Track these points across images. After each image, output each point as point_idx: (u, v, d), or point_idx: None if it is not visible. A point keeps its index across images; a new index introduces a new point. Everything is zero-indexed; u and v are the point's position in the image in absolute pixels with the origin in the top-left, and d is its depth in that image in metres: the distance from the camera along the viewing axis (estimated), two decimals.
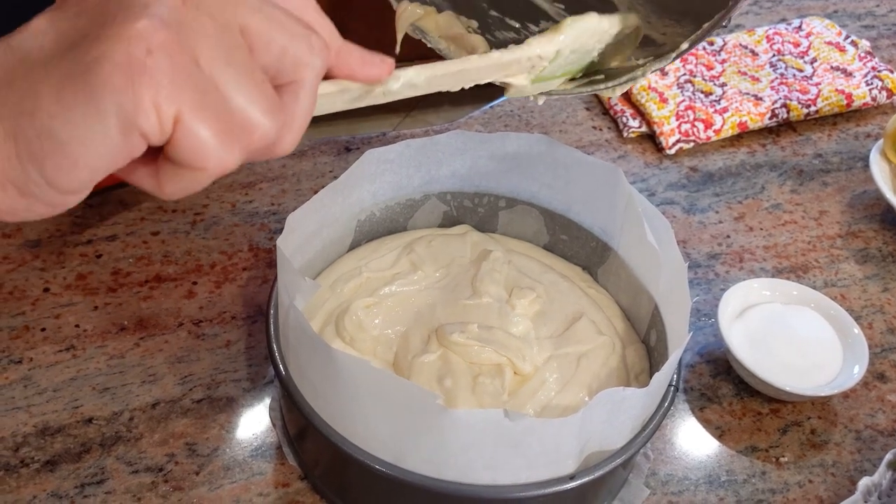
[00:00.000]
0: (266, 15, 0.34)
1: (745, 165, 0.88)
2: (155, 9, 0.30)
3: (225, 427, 0.61)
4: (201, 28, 0.31)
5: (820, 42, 0.99)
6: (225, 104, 0.32)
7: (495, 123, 0.89)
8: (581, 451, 0.49)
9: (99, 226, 0.73)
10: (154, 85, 0.30)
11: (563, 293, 0.64)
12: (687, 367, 0.68)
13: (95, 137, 0.30)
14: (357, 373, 0.47)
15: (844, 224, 0.82)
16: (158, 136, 0.31)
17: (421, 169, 0.65)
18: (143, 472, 0.57)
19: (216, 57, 0.32)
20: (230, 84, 0.32)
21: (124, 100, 0.30)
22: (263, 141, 0.33)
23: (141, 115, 0.30)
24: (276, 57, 0.34)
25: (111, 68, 0.29)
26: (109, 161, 0.31)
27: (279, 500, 0.57)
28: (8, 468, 0.57)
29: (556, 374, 0.58)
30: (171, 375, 0.63)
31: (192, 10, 0.31)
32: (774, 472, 0.62)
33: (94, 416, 0.60)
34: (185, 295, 0.69)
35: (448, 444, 0.47)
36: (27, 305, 0.66)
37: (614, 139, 0.89)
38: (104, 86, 0.29)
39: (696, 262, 0.77)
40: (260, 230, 0.75)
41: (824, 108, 0.92)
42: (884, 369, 0.70)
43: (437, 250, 0.65)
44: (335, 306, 0.61)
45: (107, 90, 0.29)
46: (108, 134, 0.30)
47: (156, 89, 0.30)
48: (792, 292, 0.69)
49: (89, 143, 0.30)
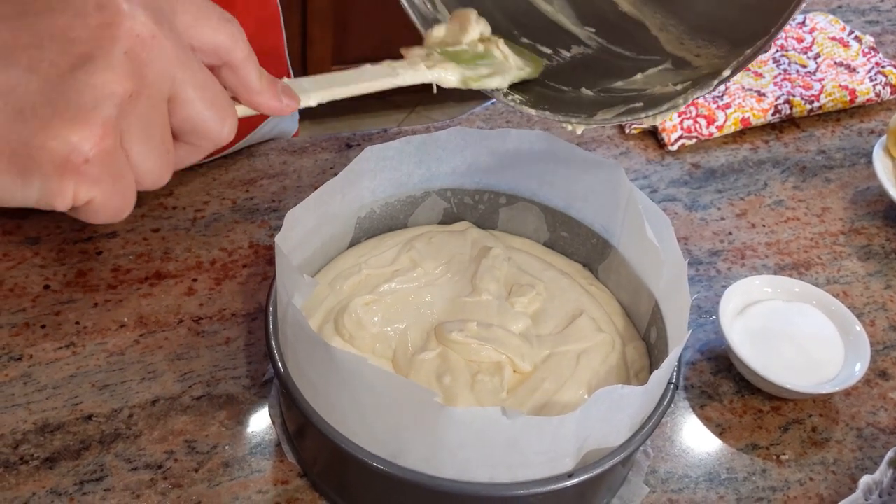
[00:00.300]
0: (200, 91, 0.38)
1: (747, 162, 0.87)
2: (103, 112, 0.34)
3: (224, 424, 0.60)
4: (135, 113, 0.36)
5: (824, 38, 0.99)
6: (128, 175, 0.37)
7: (497, 119, 0.89)
8: (579, 449, 0.49)
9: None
10: (79, 183, 0.35)
11: (563, 290, 0.64)
12: (688, 364, 0.68)
13: (14, 197, 0.35)
14: (355, 370, 0.47)
15: (847, 221, 0.82)
16: (65, 209, 0.36)
17: (421, 165, 0.65)
18: (143, 470, 0.57)
19: (138, 135, 0.36)
20: (143, 153, 0.37)
21: (50, 186, 0.34)
22: (152, 188, 0.39)
23: (58, 199, 0.35)
24: (190, 127, 0.39)
25: (48, 163, 0.34)
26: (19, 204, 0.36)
27: (278, 498, 0.57)
28: (7, 465, 0.57)
29: (555, 371, 0.58)
30: (171, 373, 0.63)
31: (135, 100, 0.35)
32: (775, 470, 0.62)
33: (94, 413, 0.60)
34: (185, 292, 0.69)
35: (446, 442, 0.47)
36: (27, 302, 0.66)
37: (616, 135, 0.89)
38: (37, 171, 0.34)
39: (697, 258, 0.77)
40: (260, 227, 0.74)
41: (828, 104, 0.92)
42: (886, 367, 0.69)
43: (437, 247, 0.65)
44: (335, 304, 0.60)
45: (38, 176, 0.34)
46: (26, 199, 0.35)
47: (79, 185, 0.35)
48: (794, 289, 0.69)
49: (8, 197, 0.35)
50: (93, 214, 0.37)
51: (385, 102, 2.20)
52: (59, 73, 0.34)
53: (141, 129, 0.36)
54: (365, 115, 2.19)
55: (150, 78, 0.36)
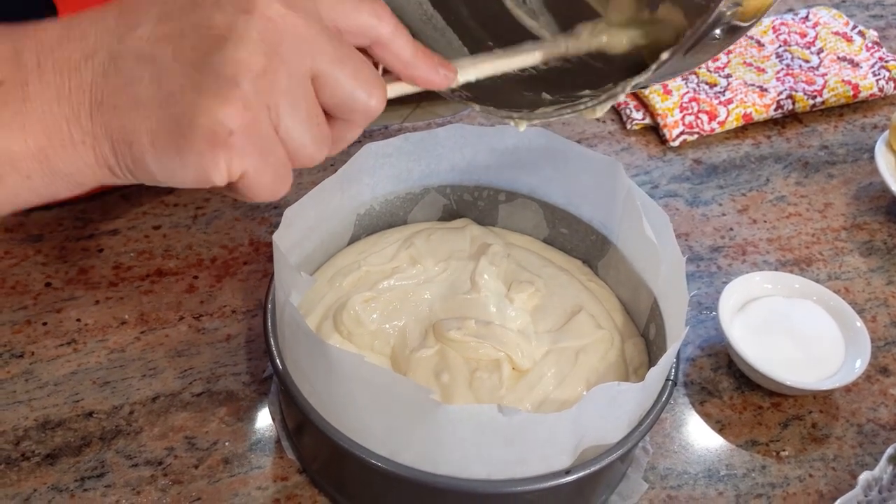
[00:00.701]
0: (339, 65, 0.39)
1: (749, 157, 0.87)
2: (242, 87, 0.36)
3: (224, 421, 0.61)
4: (276, 87, 0.37)
5: (827, 32, 0.98)
6: (281, 151, 0.39)
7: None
8: (577, 446, 0.49)
9: (101, 220, 0.73)
10: (230, 156, 0.37)
11: (562, 287, 0.64)
12: (687, 360, 0.68)
13: (174, 177, 0.38)
14: (351, 368, 0.47)
15: (849, 216, 0.82)
16: (224, 184, 0.38)
17: (420, 162, 0.65)
18: (143, 466, 0.58)
19: (283, 108, 0.38)
20: (290, 128, 0.39)
21: (205, 162, 0.37)
22: (309, 165, 0.41)
23: (215, 173, 0.37)
24: (338, 102, 0.40)
25: (200, 139, 0.36)
26: (180, 184, 0.39)
27: (278, 494, 0.57)
28: (9, 461, 0.57)
29: (554, 368, 0.58)
30: (172, 369, 0.63)
31: (272, 74, 0.37)
32: (774, 466, 0.61)
33: (95, 409, 0.61)
34: (185, 289, 0.69)
35: (443, 439, 0.47)
36: (29, 300, 0.67)
37: (618, 131, 0.89)
38: (191, 149, 0.37)
39: (698, 254, 0.77)
40: (260, 224, 0.75)
41: (830, 100, 0.91)
42: (887, 363, 0.69)
43: (436, 244, 0.65)
44: (334, 300, 0.61)
45: (193, 152, 0.37)
46: (185, 177, 0.38)
47: (230, 158, 0.37)
48: (794, 285, 0.69)
49: (170, 177, 0.38)
50: (249, 191, 0.39)
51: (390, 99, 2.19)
52: (201, 57, 0.37)
53: (287, 104, 0.38)
54: None
55: (285, 55, 0.38)
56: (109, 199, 0.75)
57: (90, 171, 0.39)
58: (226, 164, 0.37)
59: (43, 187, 0.39)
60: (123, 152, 0.38)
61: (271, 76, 0.37)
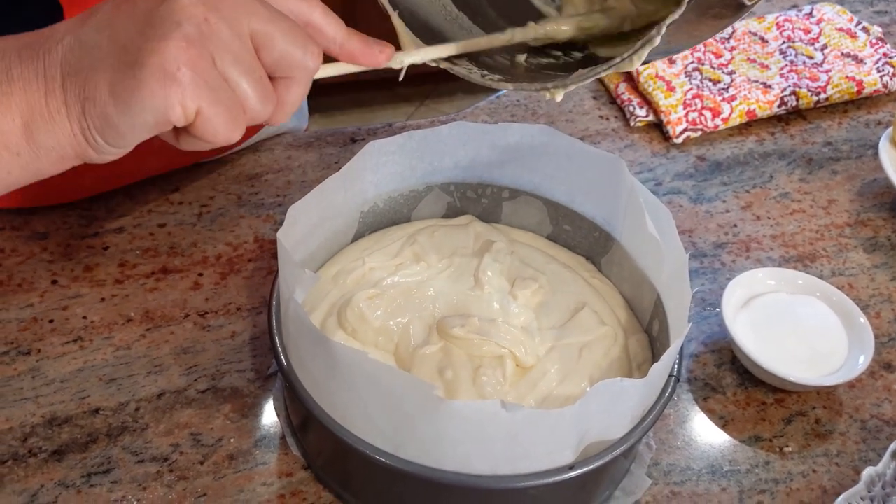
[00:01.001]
0: (273, 24, 0.43)
1: (753, 154, 0.87)
2: (185, 28, 0.41)
3: (229, 417, 0.61)
4: (218, 37, 0.42)
5: (831, 28, 0.98)
6: (231, 94, 0.42)
7: (501, 113, 0.89)
8: (580, 442, 0.49)
9: (106, 218, 0.74)
10: (181, 91, 0.41)
11: (565, 283, 0.64)
12: (691, 356, 0.68)
13: (136, 123, 0.42)
14: (355, 365, 0.47)
15: (853, 213, 0.82)
16: (183, 123, 0.42)
17: (424, 160, 0.65)
18: (149, 462, 0.58)
19: (227, 59, 0.42)
20: (235, 78, 0.43)
21: (159, 102, 0.41)
22: (259, 120, 0.44)
23: (171, 112, 0.41)
24: (276, 58, 0.44)
25: (151, 78, 0.40)
26: (146, 134, 0.43)
27: (282, 490, 0.58)
28: (16, 458, 0.58)
29: (557, 364, 0.58)
30: (177, 366, 0.64)
31: (213, 23, 0.41)
32: (778, 462, 0.62)
33: (101, 406, 0.61)
34: (190, 286, 0.69)
35: (446, 435, 0.48)
36: (35, 297, 0.67)
37: (621, 128, 0.89)
38: (145, 90, 0.40)
39: (702, 251, 0.77)
40: (265, 221, 0.75)
41: (834, 96, 0.91)
42: (891, 359, 0.69)
43: (439, 241, 0.65)
44: (338, 298, 0.61)
45: (146, 94, 0.41)
46: (146, 122, 0.42)
47: (182, 94, 0.41)
48: (797, 282, 0.69)
49: (133, 125, 0.42)
50: (206, 131, 0.42)
51: (394, 95, 2.20)
52: (149, 12, 0.41)
53: (229, 56, 0.42)
54: (373, 109, 2.20)
55: (223, 11, 0.42)
56: (115, 198, 0.75)
57: (68, 143, 0.43)
58: (179, 101, 0.41)
59: (31, 162, 0.43)
60: (90, 111, 0.42)
61: (213, 25, 0.41)
